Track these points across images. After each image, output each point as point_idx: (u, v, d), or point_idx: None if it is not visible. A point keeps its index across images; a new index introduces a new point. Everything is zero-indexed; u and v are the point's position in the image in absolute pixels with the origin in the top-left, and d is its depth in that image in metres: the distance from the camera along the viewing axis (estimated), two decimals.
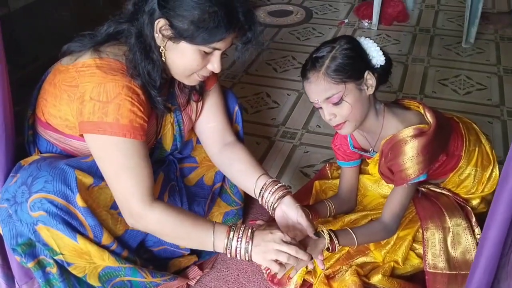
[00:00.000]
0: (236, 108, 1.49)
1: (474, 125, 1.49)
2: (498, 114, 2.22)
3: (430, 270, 1.31)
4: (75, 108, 1.12)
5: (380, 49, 1.25)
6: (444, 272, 1.30)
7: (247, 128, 1.63)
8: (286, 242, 1.11)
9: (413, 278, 1.39)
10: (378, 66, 1.24)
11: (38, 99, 1.24)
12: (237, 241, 1.11)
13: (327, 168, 1.66)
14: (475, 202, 1.45)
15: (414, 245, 1.38)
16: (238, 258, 1.13)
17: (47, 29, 2.40)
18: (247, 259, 1.12)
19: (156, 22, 1.10)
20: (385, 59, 1.24)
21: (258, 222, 1.44)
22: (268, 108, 2.32)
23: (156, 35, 1.11)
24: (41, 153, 1.25)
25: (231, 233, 1.12)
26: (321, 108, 1.24)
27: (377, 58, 1.24)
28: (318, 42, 2.91)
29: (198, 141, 1.46)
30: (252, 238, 1.12)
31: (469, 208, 1.41)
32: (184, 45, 1.10)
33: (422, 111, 1.32)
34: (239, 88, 2.46)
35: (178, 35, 1.08)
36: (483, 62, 2.66)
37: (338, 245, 1.22)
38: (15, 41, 2.20)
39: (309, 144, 2.07)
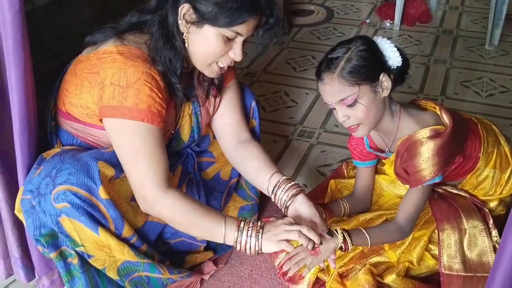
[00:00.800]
0: (253, 103, 1.50)
1: (493, 126, 1.47)
2: None
3: (445, 272, 1.29)
4: (96, 94, 1.14)
5: (398, 49, 1.23)
6: (459, 274, 1.29)
7: (264, 126, 1.63)
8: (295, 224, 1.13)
9: (428, 279, 1.38)
10: (395, 67, 1.23)
11: (59, 90, 1.27)
12: (247, 233, 1.12)
13: (343, 167, 1.66)
14: (493, 204, 1.43)
15: (430, 246, 1.37)
16: (248, 252, 1.13)
17: (70, 26, 2.45)
18: (256, 249, 1.13)
19: (180, 8, 1.12)
20: (402, 60, 1.23)
21: (272, 219, 1.45)
22: (286, 107, 2.32)
23: (179, 21, 1.14)
24: (62, 144, 1.28)
25: (242, 224, 1.14)
26: (334, 109, 1.24)
27: (394, 59, 1.22)
28: (339, 41, 2.90)
29: (215, 137, 1.48)
30: (262, 227, 1.13)
31: (487, 210, 1.39)
32: (207, 29, 1.12)
33: (438, 112, 1.30)
34: (257, 87, 2.47)
35: (201, 18, 1.11)
36: (507, 64, 2.61)
37: (351, 245, 1.22)
38: (39, 36, 2.25)
39: (326, 144, 2.06)
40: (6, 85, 1.15)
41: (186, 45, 1.16)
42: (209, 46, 1.14)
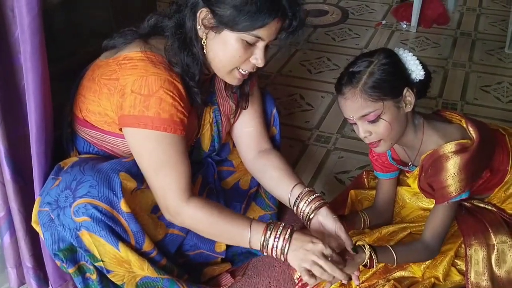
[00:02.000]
0: (274, 111, 1.46)
1: None
2: None
3: None
4: (115, 101, 1.11)
5: (420, 62, 1.19)
6: None
7: (281, 131, 1.59)
8: (325, 256, 1.08)
9: None
10: (417, 80, 1.19)
11: (75, 96, 1.23)
12: (274, 240, 1.10)
13: (364, 176, 1.61)
14: None
15: (456, 261, 1.33)
16: (274, 256, 1.11)
17: (84, 23, 2.42)
18: (282, 259, 1.10)
19: (198, 13, 1.09)
20: (424, 73, 1.19)
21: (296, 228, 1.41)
22: (301, 111, 2.27)
23: (198, 27, 1.10)
24: (78, 152, 1.25)
25: (268, 231, 1.10)
26: (355, 124, 1.20)
27: (416, 72, 1.18)
28: (354, 43, 2.86)
29: (234, 145, 1.44)
30: (290, 240, 1.10)
31: None
32: (226, 34, 1.08)
33: (464, 125, 1.26)
34: (272, 89, 2.43)
35: (220, 23, 1.06)
36: None
37: (376, 262, 1.18)
38: (53, 34, 2.22)
39: (344, 149, 2.02)
40: (22, 91, 1.12)
41: (204, 51, 1.12)
42: (228, 51, 1.10)
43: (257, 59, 1.12)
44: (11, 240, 1.30)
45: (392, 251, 1.20)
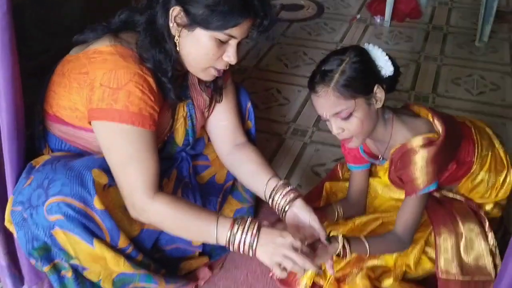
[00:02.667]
0: (249, 105, 1.48)
1: (487, 129, 1.47)
2: None
3: (442, 276, 1.29)
4: (85, 95, 1.10)
5: (389, 57, 1.22)
6: (456, 278, 1.29)
7: (257, 125, 1.61)
8: (295, 249, 1.08)
9: (425, 282, 1.38)
10: (387, 76, 1.22)
11: (46, 92, 1.22)
12: (242, 235, 1.08)
13: (338, 169, 1.64)
14: (488, 207, 1.43)
15: (427, 249, 1.37)
16: (241, 252, 1.10)
17: (57, 20, 2.39)
18: (250, 254, 1.09)
19: (171, 11, 1.09)
20: (393, 69, 1.22)
21: (264, 223, 1.43)
22: (278, 105, 2.30)
23: (171, 24, 1.11)
24: (51, 149, 1.24)
25: (235, 226, 1.09)
26: (328, 121, 1.22)
27: (386, 68, 1.21)
28: (330, 38, 2.89)
29: (210, 139, 1.45)
30: (258, 235, 1.09)
31: (482, 213, 1.39)
32: (199, 32, 1.09)
33: (431, 119, 1.29)
34: (249, 83, 2.44)
35: (193, 21, 1.07)
36: (497, 61, 2.63)
37: (349, 252, 1.21)
38: (25, 31, 2.19)
39: (320, 142, 2.05)
40: None
41: (178, 48, 1.13)
42: (201, 49, 1.11)
43: (230, 56, 1.13)
44: None
45: (365, 242, 1.24)
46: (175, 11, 1.08)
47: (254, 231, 1.09)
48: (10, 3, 1.01)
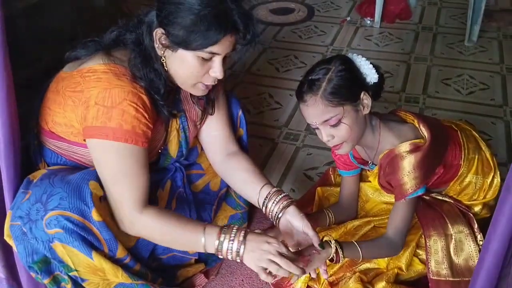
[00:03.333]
0: (240, 112, 1.50)
1: (474, 132, 1.49)
2: (501, 115, 2.22)
3: (433, 278, 1.32)
4: (80, 113, 1.13)
5: (373, 66, 1.26)
6: (447, 279, 1.31)
7: (250, 130, 1.62)
8: (281, 255, 1.11)
9: (417, 283, 1.41)
10: (372, 83, 1.25)
11: (41, 108, 1.24)
12: (228, 243, 1.11)
13: (330, 173, 1.67)
14: (477, 209, 1.46)
15: (418, 251, 1.40)
16: (229, 258, 1.13)
17: (50, 30, 2.40)
18: (237, 260, 1.13)
19: (154, 33, 1.12)
20: (378, 76, 1.25)
21: (256, 231, 1.45)
22: (270, 109, 2.32)
23: (156, 45, 1.14)
24: (47, 163, 1.26)
25: (222, 235, 1.12)
26: (318, 129, 1.25)
27: (371, 76, 1.25)
28: (321, 40, 2.91)
29: (203, 148, 1.47)
30: (244, 242, 1.11)
31: (471, 215, 1.42)
32: (182, 53, 1.12)
33: (417, 125, 1.32)
34: (241, 88, 2.46)
35: (174, 43, 1.10)
36: (486, 61, 2.66)
37: (342, 257, 1.23)
38: (17, 41, 2.20)
39: (312, 146, 2.07)
40: None
41: (165, 68, 1.16)
42: (186, 68, 1.14)
43: (216, 72, 1.16)
44: None
45: (358, 247, 1.26)
46: (158, 33, 1.11)
47: (241, 238, 1.12)
48: (3, 21, 1.02)
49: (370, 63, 1.25)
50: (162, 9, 1.10)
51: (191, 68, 1.13)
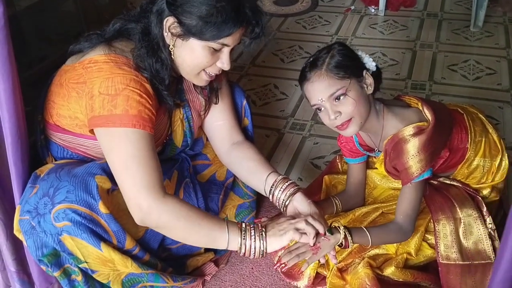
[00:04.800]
0: (244, 102, 1.50)
1: (480, 115, 1.48)
2: (508, 99, 2.21)
3: (443, 262, 1.32)
4: (85, 104, 1.13)
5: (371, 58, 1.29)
6: (457, 263, 1.31)
7: (256, 121, 1.64)
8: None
9: (427, 267, 1.41)
10: (371, 70, 1.28)
11: (45, 102, 1.25)
12: (250, 236, 1.13)
13: (337, 161, 1.67)
14: (485, 192, 1.45)
15: (427, 235, 1.39)
16: (252, 255, 1.13)
17: (53, 29, 2.42)
18: (262, 250, 1.13)
19: (165, 21, 1.12)
20: (375, 67, 1.28)
21: (263, 219, 1.46)
22: (276, 100, 2.32)
23: (165, 34, 1.14)
24: (53, 157, 1.27)
25: (244, 226, 1.14)
26: (322, 110, 1.25)
27: (369, 64, 1.28)
28: (325, 30, 2.90)
29: (208, 139, 1.47)
30: (264, 226, 1.14)
31: (480, 198, 1.41)
32: (193, 42, 1.12)
33: (420, 108, 1.32)
34: (246, 80, 2.46)
35: (187, 32, 1.10)
36: (492, 46, 2.63)
37: (351, 242, 1.23)
38: (22, 40, 2.21)
39: (319, 135, 2.07)
40: None
41: (172, 56, 1.16)
42: (196, 58, 1.15)
43: (223, 63, 1.17)
44: None
45: (367, 232, 1.26)
46: (169, 21, 1.11)
47: (260, 228, 1.14)
48: (7, 16, 1.03)
49: (366, 54, 1.29)
50: None
51: (200, 57, 1.14)
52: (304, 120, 2.17)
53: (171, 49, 1.15)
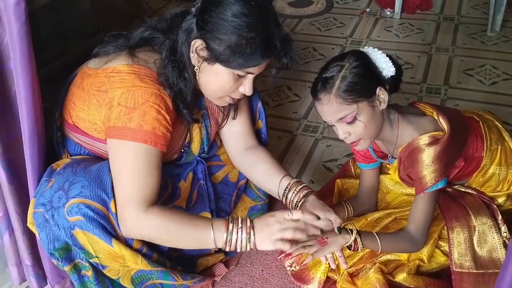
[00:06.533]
0: (259, 104, 1.50)
1: (496, 122, 1.46)
2: None
3: (456, 270, 1.30)
4: (104, 113, 1.14)
5: (390, 58, 1.23)
6: (470, 271, 1.30)
7: (269, 122, 1.62)
8: (289, 220, 1.11)
9: (439, 274, 1.39)
10: (389, 77, 1.23)
11: (65, 101, 1.26)
12: (237, 233, 1.11)
13: (350, 164, 1.66)
14: (501, 200, 1.43)
15: (440, 242, 1.38)
16: (239, 250, 1.12)
17: (70, 25, 2.43)
18: (248, 248, 1.11)
19: (193, 42, 1.11)
20: (395, 69, 1.22)
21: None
22: (289, 102, 2.31)
23: (191, 54, 1.13)
24: (69, 154, 1.28)
25: (230, 225, 1.11)
26: (334, 126, 1.24)
27: (387, 69, 1.22)
28: (340, 32, 2.89)
29: (221, 140, 1.48)
30: (252, 227, 1.12)
31: (495, 206, 1.39)
32: (218, 67, 1.12)
33: (436, 117, 1.30)
34: (259, 82, 2.41)
35: (214, 58, 1.10)
36: (509, 51, 2.60)
37: (361, 246, 1.22)
38: (39, 38, 2.23)
39: (332, 138, 2.06)
40: (14, 96, 1.15)
41: (196, 77, 1.16)
42: (219, 83, 1.15)
43: (246, 89, 1.17)
44: (10, 239, 1.34)
45: (377, 238, 1.25)
46: (197, 43, 1.11)
47: (248, 224, 1.12)
48: (28, 13, 1.05)
49: (387, 55, 1.22)
50: (206, 22, 1.09)
51: (224, 83, 1.14)
52: (317, 122, 2.16)
53: (196, 70, 1.15)
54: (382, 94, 1.21)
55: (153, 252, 1.24)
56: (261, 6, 1.10)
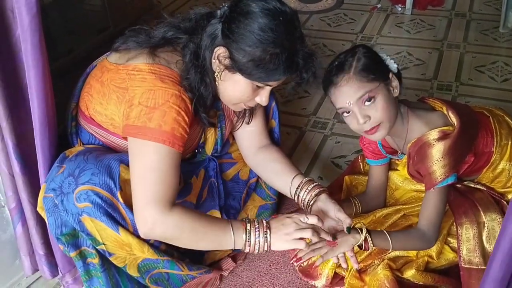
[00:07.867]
0: (273, 104, 1.51)
1: (506, 118, 1.44)
2: None
3: (465, 266, 1.30)
4: (123, 110, 1.15)
5: (391, 59, 1.28)
6: (479, 267, 1.29)
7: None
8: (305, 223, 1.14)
9: (448, 271, 1.39)
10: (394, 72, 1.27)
11: (82, 92, 1.26)
12: (255, 233, 1.13)
13: (359, 160, 1.65)
14: (511, 196, 1.41)
15: (449, 239, 1.37)
16: (256, 251, 1.14)
17: (79, 22, 2.45)
18: (265, 249, 1.14)
19: (216, 48, 1.12)
20: (396, 68, 1.27)
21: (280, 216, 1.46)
22: (298, 98, 2.30)
23: (213, 60, 1.14)
24: (83, 143, 1.29)
25: (248, 225, 1.14)
26: (349, 114, 1.23)
27: (391, 65, 1.26)
28: (350, 28, 2.87)
29: (233, 138, 1.49)
30: (269, 227, 1.14)
31: (505, 202, 1.38)
32: (238, 77, 1.13)
33: (445, 112, 1.29)
34: None
35: (235, 67, 1.11)
36: None
37: (371, 245, 1.22)
38: (49, 33, 2.25)
39: (341, 134, 2.05)
40: (25, 88, 1.16)
41: (216, 83, 1.17)
42: (237, 91, 1.16)
43: (262, 100, 1.19)
44: (23, 229, 1.36)
45: (388, 236, 1.24)
46: (220, 50, 1.11)
47: (264, 224, 1.15)
48: (39, 6, 1.06)
49: (387, 55, 1.28)
50: (232, 31, 1.09)
51: (242, 92, 1.15)
52: (326, 118, 2.16)
53: (217, 76, 1.15)
54: (394, 81, 1.24)
55: (160, 242, 1.25)
56: (288, 22, 1.10)
